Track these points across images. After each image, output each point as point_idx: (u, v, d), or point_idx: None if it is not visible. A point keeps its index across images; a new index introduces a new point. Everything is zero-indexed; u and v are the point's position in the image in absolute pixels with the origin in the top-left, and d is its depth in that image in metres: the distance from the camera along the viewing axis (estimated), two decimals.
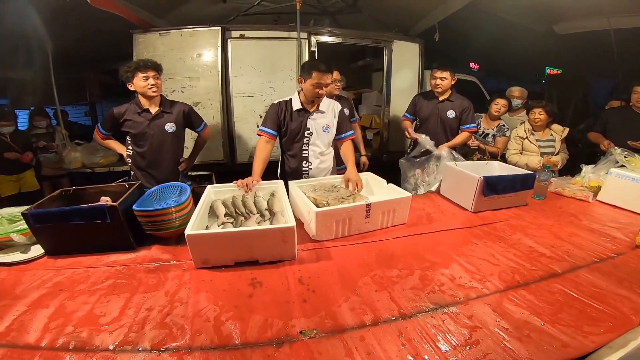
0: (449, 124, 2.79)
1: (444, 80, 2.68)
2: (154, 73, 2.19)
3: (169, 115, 2.33)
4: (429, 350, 0.90)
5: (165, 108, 2.32)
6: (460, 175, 2.05)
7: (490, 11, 4.24)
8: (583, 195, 2.15)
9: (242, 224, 1.62)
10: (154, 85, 2.19)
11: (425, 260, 1.40)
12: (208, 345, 0.92)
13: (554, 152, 2.73)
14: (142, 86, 2.18)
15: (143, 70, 2.16)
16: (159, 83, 2.23)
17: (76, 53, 4.73)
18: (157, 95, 2.27)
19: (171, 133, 2.34)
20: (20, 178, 3.60)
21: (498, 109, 3.03)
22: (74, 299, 1.13)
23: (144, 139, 2.30)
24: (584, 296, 1.15)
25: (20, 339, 0.94)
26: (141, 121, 2.27)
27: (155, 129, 2.29)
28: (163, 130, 2.31)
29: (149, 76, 2.17)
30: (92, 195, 1.71)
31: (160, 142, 2.32)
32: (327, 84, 2.01)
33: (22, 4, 3.01)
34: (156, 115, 2.28)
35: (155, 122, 2.29)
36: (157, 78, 2.21)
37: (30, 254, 1.42)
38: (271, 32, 3.69)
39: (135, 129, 2.27)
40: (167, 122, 2.31)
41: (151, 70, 2.18)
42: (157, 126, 2.29)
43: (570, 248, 1.51)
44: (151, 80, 2.18)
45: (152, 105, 2.28)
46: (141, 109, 2.27)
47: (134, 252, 1.46)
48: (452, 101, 2.76)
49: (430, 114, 2.83)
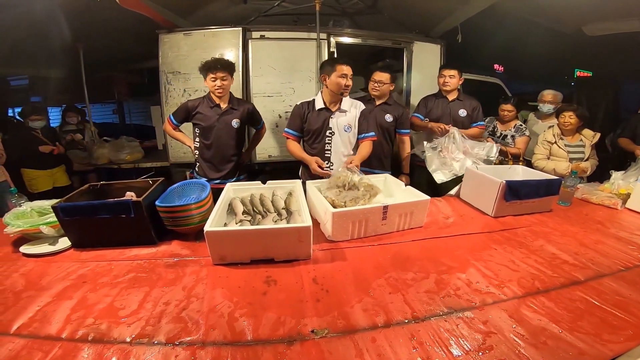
0: (461, 123, 2.79)
1: (452, 79, 2.76)
2: (223, 74, 2.29)
3: (236, 112, 2.48)
4: (440, 354, 0.89)
5: (233, 105, 2.47)
6: (481, 179, 2.01)
7: (515, 12, 4.11)
8: (611, 203, 2.06)
9: (259, 222, 1.64)
10: (219, 87, 2.32)
11: (441, 264, 1.38)
12: (221, 340, 0.94)
13: (583, 158, 2.63)
14: (211, 86, 2.33)
15: (213, 72, 2.28)
16: (225, 84, 2.33)
17: (105, 53, 4.91)
18: (224, 95, 2.41)
19: (236, 128, 2.49)
20: (54, 173, 3.74)
21: (504, 115, 3.02)
22: (96, 292, 1.18)
23: (212, 132, 2.44)
24: (605, 304, 1.11)
25: (42, 330, 0.98)
26: (211, 115, 2.42)
27: (223, 124, 2.44)
28: (229, 125, 2.46)
29: (217, 77, 2.29)
30: (118, 191, 1.77)
31: (226, 136, 2.47)
32: (350, 74, 2.11)
33: (55, 5, 3.14)
34: (225, 111, 2.44)
35: (224, 117, 2.44)
36: (225, 79, 2.31)
37: (58, 246, 1.48)
38: (291, 33, 3.71)
39: (206, 122, 2.42)
40: (233, 118, 2.46)
41: (220, 72, 2.28)
42: (225, 121, 2.44)
43: (595, 256, 1.46)
44: (218, 82, 2.30)
45: (222, 102, 2.44)
46: (213, 104, 2.42)
47: (154, 247, 1.51)
48: (462, 100, 2.84)
49: (442, 113, 2.85)
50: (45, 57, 4.55)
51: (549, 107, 3.21)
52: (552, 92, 3.22)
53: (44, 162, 3.60)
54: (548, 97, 3.22)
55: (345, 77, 2.10)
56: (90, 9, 3.21)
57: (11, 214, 1.56)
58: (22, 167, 3.49)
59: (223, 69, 2.29)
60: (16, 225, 1.46)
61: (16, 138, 3.44)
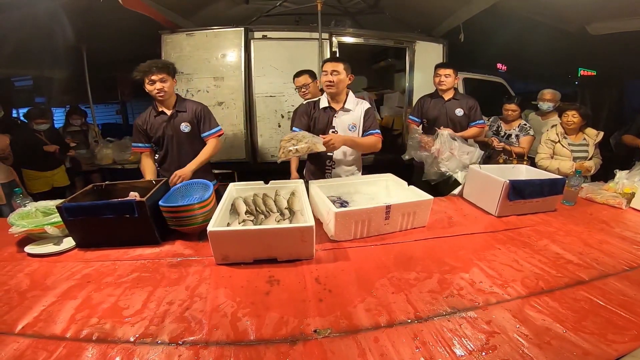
0: (458, 123, 2.80)
1: (447, 77, 2.74)
2: (160, 76, 2.09)
3: (183, 114, 2.24)
4: (443, 354, 0.89)
5: (179, 108, 2.24)
6: (485, 179, 2.00)
7: (518, 11, 4.10)
8: (616, 202, 2.05)
9: (262, 222, 1.65)
10: (159, 90, 2.10)
11: (444, 263, 1.38)
12: (224, 340, 0.94)
13: (586, 157, 2.62)
14: (150, 90, 2.12)
15: (148, 75, 2.08)
16: (166, 86, 2.11)
17: (108, 53, 4.94)
18: (167, 99, 2.19)
19: (187, 133, 2.24)
20: (54, 174, 3.75)
21: (508, 114, 3.03)
22: (100, 291, 1.18)
23: (163, 142, 2.25)
24: (610, 304, 1.10)
25: (47, 330, 0.99)
26: (158, 124, 2.22)
27: (172, 131, 2.23)
28: (179, 131, 2.23)
29: (154, 80, 2.08)
30: (122, 191, 1.77)
31: (177, 143, 2.26)
32: (332, 70, 2.04)
33: (59, 6, 3.16)
34: (171, 116, 2.22)
35: (171, 123, 2.22)
36: (164, 81, 2.10)
37: (62, 246, 1.49)
38: (293, 33, 3.72)
39: (155, 133, 2.23)
40: (182, 122, 2.23)
41: (156, 74, 2.08)
42: (173, 127, 2.22)
43: (600, 255, 1.45)
44: (157, 85, 2.09)
45: (166, 107, 2.22)
46: (157, 112, 2.22)
47: (158, 247, 1.52)
48: (458, 100, 2.82)
49: (438, 114, 2.84)
50: (49, 57, 4.58)
51: (548, 105, 3.33)
52: (551, 91, 3.36)
53: (45, 164, 3.61)
54: (547, 96, 3.34)
55: (327, 74, 2.03)
56: (94, 9, 3.23)
57: (16, 214, 1.57)
58: (23, 167, 3.50)
59: (159, 71, 2.08)
60: (21, 225, 1.46)
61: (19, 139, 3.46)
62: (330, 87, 2.06)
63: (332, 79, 2.04)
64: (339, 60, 2.07)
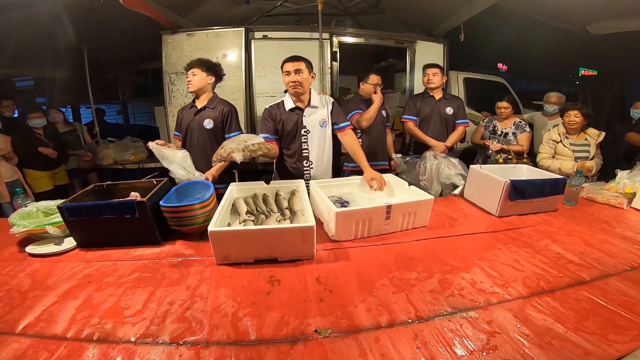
0: (450, 120, 2.95)
1: (435, 76, 2.91)
2: (193, 70, 2.22)
3: (210, 111, 2.27)
4: (444, 354, 0.89)
5: (210, 105, 2.28)
6: (486, 179, 2.00)
7: (519, 11, 4.10)
8: (617, 202, 2.05)
9: (262, 222, 1.65)
10: (189, 81, 2.23)
11: (445, 263, 1.38)
12: (225, 340, 0.94)
13: (588, 157, 2.61)
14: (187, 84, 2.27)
15: (187, 71, 2.25)
16: (194, 79, 2.22)
17: (109, 54, 4.93)
18: (194, 91, 2.26)
19: (209, 129, 2.26)
20: (56, 173, 3.76)
21: (500, 112, 3.07)
22: (101, 291, 1.18)
23: (187, 133, 2.31)
24: (611, 304, 1.10)
25: (48, 330, 0.99)
26: (188, 115, 2.31)
27: (196, 124, 2.27)
28: (201, 125, 2.25)
29: (188, 74, 2.23)
30: (122, 191, 1.78)
31: (198, 138, 2.28)
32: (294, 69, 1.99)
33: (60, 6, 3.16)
34: (200, 109, 2.27)
35: (197, 117, 2.27)
36: (194, 74, 2.22)
37: (63, 246, 1.49)
38: (293, 33, 3.72)
39: (182, 123, 2.33)
40: (206, 118, 2.25)
41: (193, 68, 2.22)
42: (198, 121, 2.26)
43: (601, 255, 1.45)
44: (189, 77, 2.23)
45: (200, 102, 2.30)
46: (192, 104, 2.33)
47: (159, 247, 1.52)
48: (448, 99, 2.99)
49: (431, 112, 2.96)
50: (50, 58, 4.58)
51: (554, 107, 3.45)
52: (557, 94, 3.50)
53: (46, 163, 3.61)
54: (553, 99, 3.47)
55: (290, 73, 1.98)
56: (95, 10, 3.23)
57: (17, 214, 1.57)
58: (25, 167, 3.50)
59: (192, 66, 2.23)
60: (22, 226, 1.47)
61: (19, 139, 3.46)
62: (295, 87, 2.01)
63: (296, 79, 1.99)
64: (300, 59, 2.02)
